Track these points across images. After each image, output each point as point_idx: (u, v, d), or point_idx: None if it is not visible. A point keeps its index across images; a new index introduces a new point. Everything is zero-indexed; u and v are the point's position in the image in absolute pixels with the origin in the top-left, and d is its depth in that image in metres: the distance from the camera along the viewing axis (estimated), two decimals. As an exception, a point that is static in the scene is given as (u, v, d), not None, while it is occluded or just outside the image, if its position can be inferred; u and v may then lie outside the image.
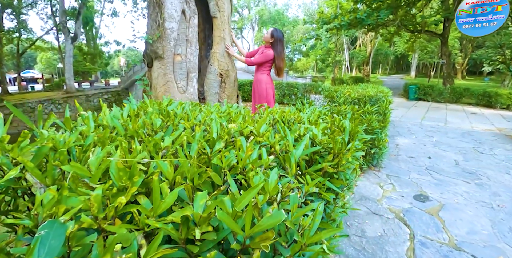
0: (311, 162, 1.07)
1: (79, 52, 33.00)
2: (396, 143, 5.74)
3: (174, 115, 1.20)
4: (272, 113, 1.45)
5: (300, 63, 56.69)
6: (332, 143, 1.03)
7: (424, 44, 31.58)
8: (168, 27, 3.86)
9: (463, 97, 13.74)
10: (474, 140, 6.19)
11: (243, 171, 0.83)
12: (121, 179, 0.62)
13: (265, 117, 1.12)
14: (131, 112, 1.23)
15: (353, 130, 1.24)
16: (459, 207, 3.03)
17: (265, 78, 4.21)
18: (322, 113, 1.70)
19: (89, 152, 0.75)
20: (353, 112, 2.44)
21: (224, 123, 1.10)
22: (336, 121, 1.45)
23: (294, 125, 1.14)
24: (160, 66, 4.04)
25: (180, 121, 1.13)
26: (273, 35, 4.00)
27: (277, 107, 1.95)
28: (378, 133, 3.43)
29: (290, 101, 11.74)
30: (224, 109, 1.55)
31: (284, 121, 1.39)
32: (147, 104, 1.41)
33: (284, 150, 0.99)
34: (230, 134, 1.04)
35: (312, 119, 1.39)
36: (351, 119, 1.89)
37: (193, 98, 4.22)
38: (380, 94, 4.32)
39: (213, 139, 0.89)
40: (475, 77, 42.91)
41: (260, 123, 1.07)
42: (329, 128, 1.31)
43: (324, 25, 14.76)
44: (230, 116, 1.35)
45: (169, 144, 0.83)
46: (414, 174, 3.99)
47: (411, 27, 17.03)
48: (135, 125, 1.00)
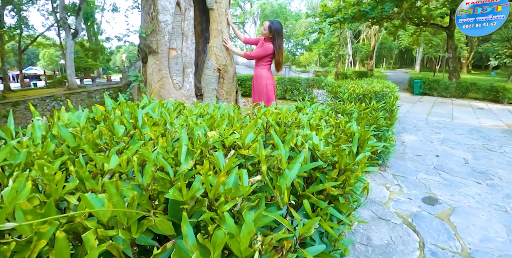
0: (310, 179, 0.89)
1: (81, 48, 32.83)
2: (402, 140, 5.53)
3: (148, 120, 1.02)
4: (266, 114, 1.26)
5: (302, 58, 56.10)
6: (337, 156, 0.84)
7: (429, 38, 30.99)
8: (162, 20, 3.66)
9: (469, 92, 13.44)
10: (482, 137, 5.96)
11: (212, 205, 0.64)
12: (28, 228, 0.43)
13: (252, 123, 0.91)
14: (98, 117, 1.04)
15: (363, 136, 1.05)
16: (471, 211, 2.84)
17: (265, 73, 4.01)
18: (325, 113, 1.51)
19: (14, 176, 0.57)
20: (360, 111, 2.24)
21: (200, 131, 0.90)
22: (342, 124, 1.26)
23: (290, 133, 0.93)
24: (155, 62, 3.85)
25: (152, 127, 0.94)
26: (271, 29, 3.79)
27: (274, 107, 1.76)
28: (385, 131, 3.23)
29: (292, 96, 11.51)
30: (211, 110, 1.35)
31: (280, 124, 1.20)
32: (122, 105, 1.22)
33: (276, 167, 0.81)
34: (207, 145, 0.85)
35: (313, 122, 1.19)
36: (358, 118, 1.70)
37: (189, 95, 4.04)
38: (387, 90, 4.10)
39: (177, 159, 0.71)
40: (480, 71, 42.31)
41: (246, 130, 0.87)
42: (333, 134, 1.12)
43: (327, 18, 14.42)
44: (214, 119, 1.16)
45: (121, 164, 0.64)
46: (422, 174, 3.79)
47: (416, 20, 16.62)
48: (89, 135, 0.82)
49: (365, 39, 41.67)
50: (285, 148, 0.81)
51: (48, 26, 28.17)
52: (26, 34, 27.43)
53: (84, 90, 24.76)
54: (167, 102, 1.43)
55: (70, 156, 0.73)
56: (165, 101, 1.43)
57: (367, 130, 1.09)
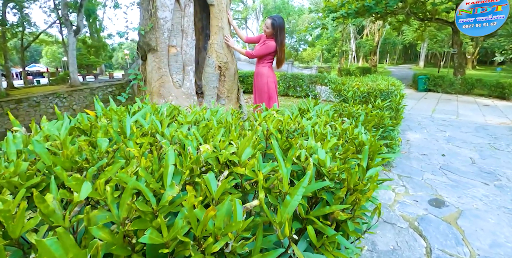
0: (315, 199, 0.81)
1: (83, 45, 32.76)
2: (407, 139, 5.43)
3: (137, 130, 0.92)
4: (266, 120, 1.17)
5: (305, 53, 55.72)
6: (346, 174, 0.76)
7: (434, 33, 30.60)
8: (161, 17, 3.57)
9: (475, 88, 13.24)
10: (489, 135, 5.84)
11: (199, 245, 0.53)
12: None
13: (250, 136, 0.81)
14: (84, 126, 0.95)
15: (373, 146, 0.95)
16: (479, 214, 2.75)
17: (266, 71, 3.92)
18: (330, 117, 1.42)
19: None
20: (367, 112, 2.14)
21: (191, 146, 0.80)
22: (349, 131, 1.16)
23: (292, 149, 0.84)
24: (154, 59, 3.76)
25: (141, 139, 0.85)
26: (274, 26, 3.68)
27: (275, 109, 1.67)
28: (391, 131, 3.14)
29: (295, 93, 11.40)
30: (208, 115, 1.26)
31: (282, 130, 1.11)
32: (111, 112, 1.13)
33: (277, 187, 0.72)
34: (199, 162, 0.76)
35: (318, 129, 1.10)
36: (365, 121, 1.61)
37: (189, 93, 3.95)
38: (392, 87, 3.99)
39: (164, 180, 0.61)
40: (485, 66, 41.83)
41: (244, 144, 0.78)
42: (340, 145, 1.02)
43: (330, 13, 14.24)
44: (210, 128, 1.07)
45: (98, 188, 0.54)
46: (428, 174, 3.70)
47: (421, 15, 16.35)
48: (66, 151, 0.73)
49: (368, 34, 41.24)
50: (287, 165, 0.72)
51: (50, 23, 28.09)
52: (28, 31, 27.38)
53: (87, 87, 24.78)
54: (160, 106, 1.34)
55: (43, 177, 0.65)
56: (159, 105, 1.34)
57: (377, 141, 0.99)
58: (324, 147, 0.90)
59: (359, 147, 1.07)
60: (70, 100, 22.94)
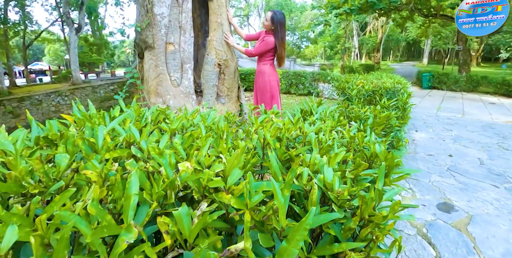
0: (319, 230, 0.68)
1: (85, 43, 32.69)
2: (412, 138, 5.28)
3: (111, 141, 0.79)
4: (263, 125, 1.03)
5: (308, 51, 55.34)
6: (359, 201, 0.62)
7: (438, 29, 30.20)
8: (158, 13, 3.43)
9: (480, 86, 13.03)
10: (496, 134, 5.68)
11: None
12: None
13: (240, 152, 0.66)
14: (53, 135, 0.81)
15: (389, 160, 0.81)
16: (490, 220, 2.62)
17: (268, 69, 3.79)
18: (335, 121, 1.28)
19: None
20: (375, 114, 1.98)
21: (165, 164, 0.66)
22: (359, 139, 1.02)
23: (291, 171, 0.68)
24: (151, 57, 3.63)
25: (112, 153, 0.72)
26: (274, 20, 3.54)
27: (275, 110, 1.54)
28: (397, 132, 2.99)
29: (297, 91, 11.25)
30: (198, 120, 1.12)
31: (282, 139, 0.97)
32: (84, 118, 0.98)
33: (271, 219, 0.57)
34: (174, 187, 0.62)
35: (323, 137, 0.96)
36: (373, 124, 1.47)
37: (188, 92, 3.82)
38: (398, 86, 3.84)
39: (125, 215, 0.48)
40: (490, 63, 41.39)
41: (231, 162, 0.63)
42: (351, 161, 0.88)
43: (333, 10, 14.04)
44: (193, 138, 0.92)
45: (41, 227, 0.41)
46: (435, 176, 3.56)
47: (425, 11, 16.10)
48: (15, 171, 0.60)
49: (371, 31, 40.87)
50: (285, 192, 0.58)
51: (52, 22, 28.02)
52: (30, 29, 27.28)
53: (89, 85, 24.81)
54: (144, 110, 1.20)
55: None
56: (144, 108, 1.21)
57: (394, 156, 0.85)
58: (331, 163, 0.76)
59: (371, 159, 0.94)
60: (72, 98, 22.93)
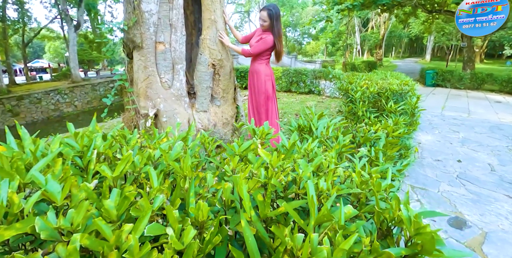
0: None
1: (85, 41, 32.39)
2: (418, 141, 5.04)
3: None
4: (240, 170, 0.77)
5: (309, 47, 54.90)
6: None
7: (442, 25, 29.76)
8: (146, 10, 3.18)
9: (485, 83, 12.72)
10: (505, 136, 5.43)
11: None
12: None
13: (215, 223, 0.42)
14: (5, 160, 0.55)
15: (425, 236, 0.56)
16: (506, 238, 2.38)
17: (263, 69, 3.55)
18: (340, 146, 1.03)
19: None
20: (388, 133, 1.70)
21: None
22: (374, 186, 0.75)
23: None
24: (140, 58, 3.39)
25: None
26: (271, 16, 3.30)
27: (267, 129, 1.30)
28: (405, 139, 2.74)
29: (298, 89, 10.98)
30: (164, 145, 0.87)
31: (267, 187, 0.71)
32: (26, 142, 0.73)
33: None
34: None
35: (323, 185, 0.71)
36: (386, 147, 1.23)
37: (180, 94, 3.58)
38: (406, 87, 3.57)
39: None
40: (493, 60, 40.92)
41: None
42: (370, 233, 0.64)
43: (335, 6, 13.73)
44: (131, 201, 0.62)
45: None
46: (444, 185, 3.32)
47: (428, 7, 15.75)
48: None
49: (374, 27, 40.38)
50: None
51: (51, 19, 27.69)
52: (29, 27, 26.99)
53: (88, 83, 24.60)
54: (97, 135, 0.94)
55: None
56: (97, 134, 0.96)
57: (429, 228, 0.61)
58: (343, 249, 0.52)
59: (394, 225, 0.68)
60: (71, 96, 22.71)
